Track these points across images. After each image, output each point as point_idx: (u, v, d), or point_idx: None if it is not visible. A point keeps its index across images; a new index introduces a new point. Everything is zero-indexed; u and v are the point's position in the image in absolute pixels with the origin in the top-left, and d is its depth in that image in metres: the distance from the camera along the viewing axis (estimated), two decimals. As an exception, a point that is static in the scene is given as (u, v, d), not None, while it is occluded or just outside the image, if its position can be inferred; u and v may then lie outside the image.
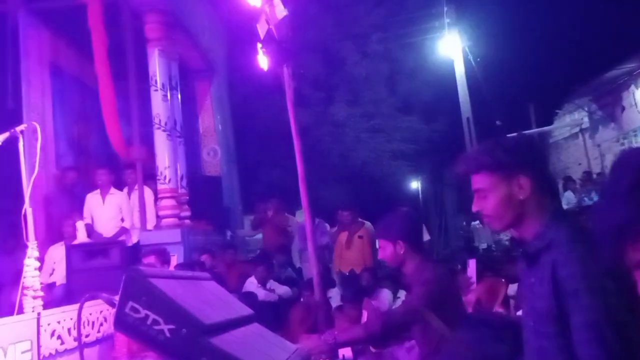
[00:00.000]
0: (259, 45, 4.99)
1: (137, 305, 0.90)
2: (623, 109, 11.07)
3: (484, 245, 9.59)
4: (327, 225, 7.95)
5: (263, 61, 5.28)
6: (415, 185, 21.67)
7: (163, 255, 4.67)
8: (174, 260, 5.35)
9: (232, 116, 9.66)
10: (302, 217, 5.64)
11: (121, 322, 0.92)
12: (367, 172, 14.21)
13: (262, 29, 4.94)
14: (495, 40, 13.63)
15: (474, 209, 1.68)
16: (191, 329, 0.90)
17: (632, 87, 10.65)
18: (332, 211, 8.47)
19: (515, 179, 1.59)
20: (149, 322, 0.91)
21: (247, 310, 1.32)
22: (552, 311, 1.49)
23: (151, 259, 4.54)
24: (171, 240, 5.97)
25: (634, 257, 0.93)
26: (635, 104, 10.62)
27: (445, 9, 12.98)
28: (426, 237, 6.79)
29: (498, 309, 2.88)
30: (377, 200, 13.08)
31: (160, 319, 0.90)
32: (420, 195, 22.04)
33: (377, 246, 2.97)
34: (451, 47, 13.04)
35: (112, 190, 6.39)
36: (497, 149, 1.63)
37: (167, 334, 0.90)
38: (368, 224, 7.19)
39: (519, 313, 2.57)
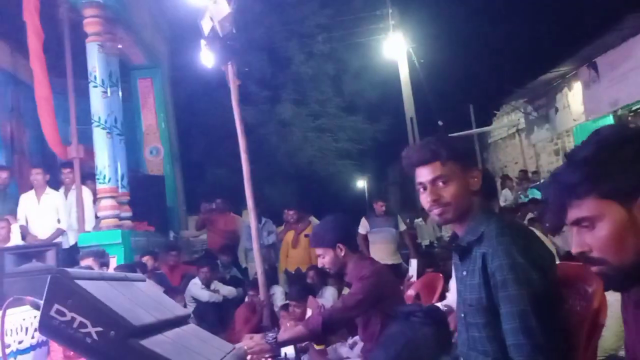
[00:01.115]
0: (203, 43, 4.93)
1: (62, 308, 0.88)
2: (557, 110, 11.60)
3: (426, 242, 9.82)
4: (274, 225, 7.95)
5: (207, 58, 5.22)
6: (361, 183, 21.99)
7: (101, 257, 4.52)
8: (114, 262, 5.20)
9: (175, 114, 9.48)
10: (248, 216, 5.61)
11: (46, 326, 0.89)
12: (313, 171, 14.30)
13: (206, 26, 4.88)
14: (438, 43, 14.01)
15: (431, 197, 1.67)
16: (120, 331, 0.88)
17: (565, 89, 11.18)
18: (279, 210, 8.47)
19: (471, 171, 1.68)
20: (75, 325, 0.88)
21: (182, 311, 1.31)
22: (482, 302, 1.56)
23: (89, 261, 4.39)
24: (111, 241, 5.79)
25: (572, 214, 1.05)
26: (568, 105, 11.16)
27: (390, 11, 13.20)
28: (402, 227, 6.94)
29: (436, 302, 2.97)
30: (324, 199, 13.18)
31: (87, 321, 0.88)
32: (366, 194, 22.39)
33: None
34: (395, 49, 13.28)
35: (48, 190, 6.14)
36: (459, 142, 1.73)
37: (95, 337, 0.88)
38: (315, 221, 7.25)
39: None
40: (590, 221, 1.02)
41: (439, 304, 2.52)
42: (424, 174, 1.69)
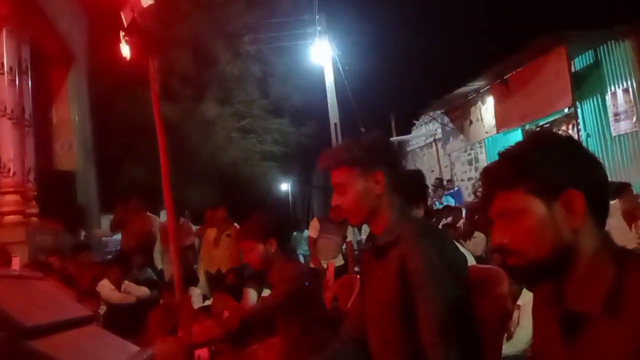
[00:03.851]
0: (122, 34, 4.70)
1: (-55, 308, 0.79)
2: (470, 122, 12.19)
3: (346, 245, 9.94)
4: (193, 226, 7.75)
5: (126, 51, 4.99)
6: (285, 187, 21.98)
7: (2, 256, 4.20)
8: (16, 262, 4.84)
9: (91, 108, 8.99)
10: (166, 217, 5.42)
11: None
12: (237, 172, 14.11)
13: (126, 17, 4.67)
14: (362, 52, 14.37)
15: (333, 203, 1.72)
16: (10, 332, 0.81)
17: (479, 103, 11.78)
18: (199, 210, 8.25)
19: (372, 175, 1.66)
20: (-41, 326, 0.80)
21: (84, 312, 1.23)
22: (397, 303, 1.57)
23: (-13, 261, 4.07)
24: (14, 239, 5.40)
25: (497, 205, 1.10)
26: (481, 118, 11.76)
27: (317, 17, 13.32)
28: (350, 236, 6.96)
29: (353, 303, 3.01)
30: (247, 201, 13.04)
31: (-28, 322, 0.80)
32: (290, 197, 22.43)
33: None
34: (322, 55, 13.42)
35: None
36: (356, 146, 1.69)
37: (-19, 338, 0.80)
38: (236, 224, 7.15)
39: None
40: (513, 214, 1.08)
41: None
42: (331, 179, 1.73)
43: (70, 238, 6.94)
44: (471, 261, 2.33)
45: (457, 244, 2.63)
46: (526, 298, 3.46)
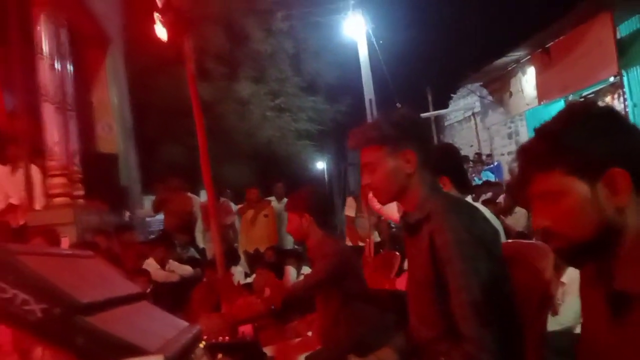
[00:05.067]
0: (156, 15, 4.74)
1: (3, 285, 0.83)
2: (510, 94, 11.86)
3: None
4: (233, 205, 7.88)
5: (161, 32, 5.03)
6: (320, 165, 22.01)
7: (52, 236, 4.37)
8: (65, 242, 5.03)
9: (129, 89, 9.15)
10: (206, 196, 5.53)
11: (-14, 304, 0.84)
12: (272, 151, 14.20)
13: (160, -2, 4.69)
14: (397, 25, 14.10)
15: (363, 182, 1.71)
16: (65, 308, 0.84)
17: (520, 74, 11.43)
18: (237, 190, 8.37)
19: (402, 153, 1.64)
20: (17, 302, 0.84)
21: (134, 289, 1.27)
22: (430, 278, 1.57)
23: (38, 241, 4.24)
24: (62, 220, 5.59)
25: (537, 187, 1.06)
26: (521, 90, 11.42)
27: (350, -10, 13.12)
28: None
29: (393, 280, 3.03)
30: (283, 180, 13.13)
31: (30, 298, 0.84)
32: (326, 175, 22.46)
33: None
34: (355, 29, 13.24)
35: (-6, 165, 5.87)
36: (385, 123, 1.66)
37: (39, 314, 0.84)
38: (277, 202, 7.24)
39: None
40: (553, 196, 1.03)
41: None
42: (361, 158, 1.71)
43: (115, 218, 7.15)
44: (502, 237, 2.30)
45: (496, 219, 2.60)
46: (572, 275, 3.38)
